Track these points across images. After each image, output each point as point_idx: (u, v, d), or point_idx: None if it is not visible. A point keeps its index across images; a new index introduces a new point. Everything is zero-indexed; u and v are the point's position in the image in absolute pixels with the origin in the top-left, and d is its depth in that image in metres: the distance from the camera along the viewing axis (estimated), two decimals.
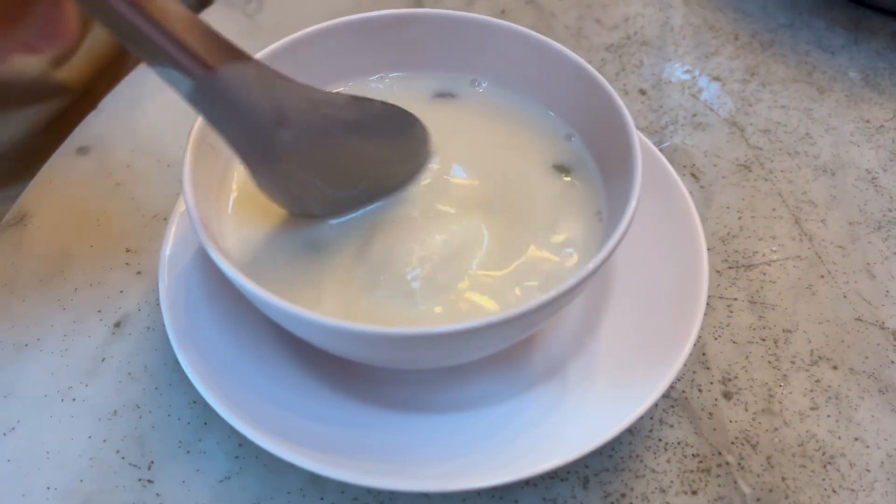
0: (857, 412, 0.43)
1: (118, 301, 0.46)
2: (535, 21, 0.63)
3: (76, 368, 0.43)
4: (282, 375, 0.39)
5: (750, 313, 0.46)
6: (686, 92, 0.59)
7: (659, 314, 0.41)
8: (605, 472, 0.40)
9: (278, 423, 0.37)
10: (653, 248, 0.43)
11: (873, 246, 0.50)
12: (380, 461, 0.37)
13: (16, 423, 0.41)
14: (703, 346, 0.45)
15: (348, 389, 0.39)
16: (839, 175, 0.54)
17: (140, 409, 0.41)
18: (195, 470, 0.39)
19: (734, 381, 0.43)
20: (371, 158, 0.40)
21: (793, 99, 0.59)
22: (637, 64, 0.60)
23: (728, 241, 0.50)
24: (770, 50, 0.62)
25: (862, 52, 0.62)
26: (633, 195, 0.36)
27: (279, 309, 0.33)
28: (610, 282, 0.43)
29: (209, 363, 0.38)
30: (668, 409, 0.42)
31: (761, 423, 0.42)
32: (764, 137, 0.56)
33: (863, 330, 0.46)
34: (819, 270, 0.49)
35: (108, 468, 0.40)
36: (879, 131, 0.57)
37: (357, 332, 0.32)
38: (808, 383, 0.44)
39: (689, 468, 0.40)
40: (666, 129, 0.56)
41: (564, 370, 0.40)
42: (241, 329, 0.41)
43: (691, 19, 0.64)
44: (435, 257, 0.38)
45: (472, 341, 0.35)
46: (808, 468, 0.40)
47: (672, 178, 0.45)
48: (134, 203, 0.50)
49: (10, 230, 0.48)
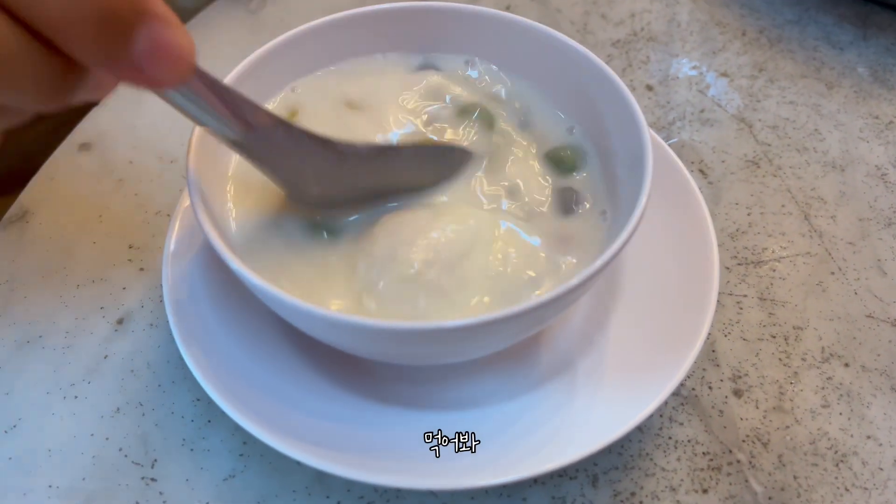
0: (869, 410, 0.42)
1: (121, 298, 0.45)
2: (541, 17, 0.63)
3: (78, 365, 0.42)
4: (287, 372, 0.39)
5: (760, 310, 0.46)
6: (693, 88, 0.58)
7: (668, 311, 0.41)
8: (614, 471, 0.39)
9: (283, 420, 0.36)
10: (662, 244, 0.43)
11: (884, 242, 0.49)
12: (386, 459, 0.36)
13: (17, 421, 0.40)
14: (713, 344, 0.44)
15: (354, 386, 0.39)
16: (848, 171, 0.53)
17: (143, 406, 0.41)
18: (199, 468, 0.39)
19: (744, 378, 0.43)
20: (401, 183, 0.40)
21: (801, 95, 0.58)
22: (644, 60, 0.60)
23: (737, 237, 0.49)
24: (778, 46, 0.61)
25: (871, 47, 0.61)
26: (643, 191, 0.36)
27: (287, 305, 0.32)
28: (619, 279, 0.43)
29: (213, 360, 0.38)
30: (678, 406, 0.42)
31: (772, 421, 0.41)
32: (772, 133, 0.55)
33: (874, 327, 0.45)
34: (829, 267, 0.48)
35: (110, 466, 0.39)
36: (889, 127, 0.56)
37: (364, 326, 0.32)
38: (820, 381, 0.43)
39: (699, 466, 0.40)
40: (673, 126, 0.55)
41: (573, 367, 0.40)
42: (246, 326, 0.40)
43: (698, 15, 0.64)
44: (442, 252, 0.37)
45: (478, 337, 0.34)
46: (821, 466, 0.40)
47: (682, 174, 0.45)
48: (136, 199, 0.50)
49: (11, 227, 0.48)
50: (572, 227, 0.39)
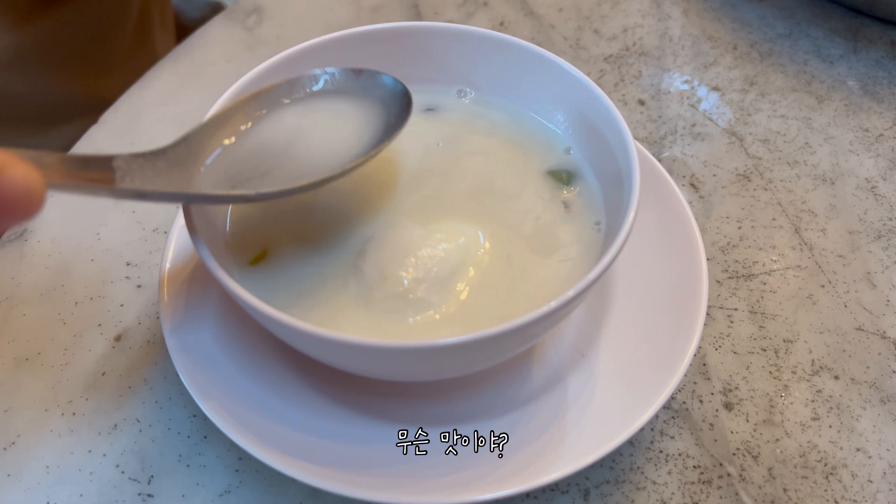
0: (858, 422, 0.42)
1: (118, 314, 0.46)
2: (535, 33, 0.64)
3: (76, 382, 0.43)
4: (281, 388, 0.39)
5: (750, 323, 0.46)
6: (685, 102, 0.59)
7: (659, 325, 0.41)
8: (605, 484, 0.40)
9: (278, 436, 0.37)
10: (652, 259, 0.43)
11: (874, 255, 0.50)
12: (380, 475, 0.37)
13: (16, 438, 0.41)
14: (704, 357, 0.45)
15: (349, 403, 0.39)
16: (839, 184, 0.54)
17: (140, 422, 0.41)
18: (195, 484, 0.39)
19: (735, 391, 0.43)
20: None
21: (792, 108, 0.59)
22: (636, 74, 0.61)
23: (728, 250, 0.50)
24: (769, 59, 0.62)
25: (861, 61, 0.62)
26: (631, 206, 0.36)
27: (281, 324, 0.33)
28: (610, 293, 0.43)
29: (209, 377, 0.38)
30: (669, 420, 0.42)
31: (763, 434, 0.42)
32: (763, 147, 0.56)
33: (864, 339, 0.46)
34: (819, 280, 0.48)
35: (107, 482, 0.39)
36: (878, 140, 0.57)
37: (356, 344, 0.32)
38: (810, 393, 0.43)
39: (690, 480, 0.40)
40: (665, 140, 0.56)
41: (565, 382, 0.40)
42: (241, 343, 0.41)
43: (690, 30, 0.64)
44: (432, 270, 0.38)
45: (470, 354, 0.35)
46: (810, 479, 0.40)
47: (671, 188, 0.45)
48: (134, 217, 0.50)
49: (10, 245, 0.48)
50: (567, 239, 0.40)
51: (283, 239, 0.40)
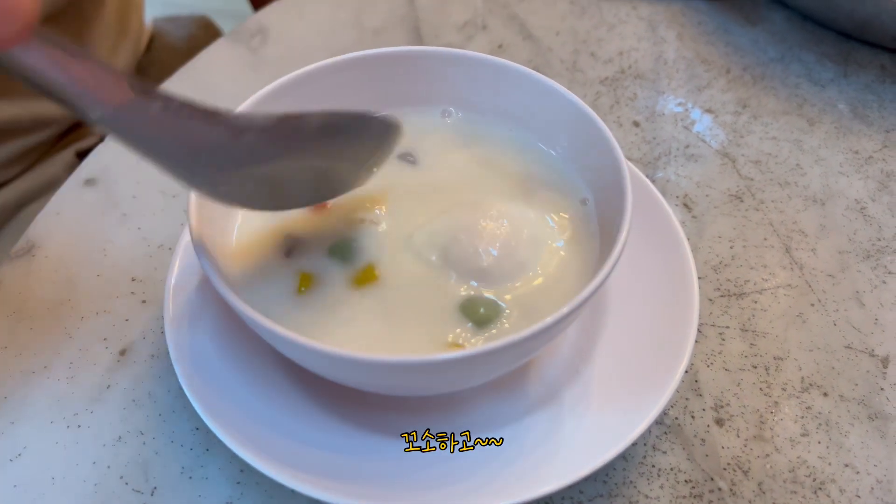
0: (847, 439, 0.43)
1: (124, 329, 0.47)
2: (533, 55, 0.65)
3: (82, 395, 0.44)
4: (283, 402, 0.40)
5: (741, 341, 0.47)
6: (679, 124, 0.60)
7: (651, 342, 0.42)
8: (599, 498, 0.41)
9: (280, 448, 0.38)
10: (645, 277, 0.45)
11: (862, 275, 0.51)
12: (379, 487, 0.37)
13: (22, 449, 0.42)
14: (696, 374, 0.46)
15: (349, 416, 0.40)
16: (829, 205, 0.55)
17: (144, 435, 0.42)
18: (197, 495, 0.40)
19: (726, 407, 0.44)
20: (318, 169, 0.38)
21: (783, 131, 0.60)
22: (631, 97, 0.62)
23: (720, 269, 0.51)
24: (761, 83, 0.63)
25: (851, 84, 0.63)
26: (623, 225, 0.37)
27: (282, 338, 0.34)
28: (604, 310, 0.44)
29: (212, 390, 0.39)
30: (662, 435, 0.43)
31: (753, 450, 0.43)
32: (755, 168, 0.57)
33: (853, 357, 0.47)
34: (809, 299, 0.50)
35: (111, 494, 0.40)
36: (868, 162, 0.58)
37: (355, 360, 0.33)
38: (799, 410, 0.44)
39: (681, 494, 0.41)
40: (659, 161, 0.57)
41: (559, 397, 0.41)
42: (244, 356, 0.42)
43: (684, 53, 0.66)
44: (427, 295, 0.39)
45: (466, 370, 0.36)
46: (799, 494, 0.41)
47: (663, 209, 0.46)
48: (140, 233, 0.51)
49: (18, 260, 0.50)
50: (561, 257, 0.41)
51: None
